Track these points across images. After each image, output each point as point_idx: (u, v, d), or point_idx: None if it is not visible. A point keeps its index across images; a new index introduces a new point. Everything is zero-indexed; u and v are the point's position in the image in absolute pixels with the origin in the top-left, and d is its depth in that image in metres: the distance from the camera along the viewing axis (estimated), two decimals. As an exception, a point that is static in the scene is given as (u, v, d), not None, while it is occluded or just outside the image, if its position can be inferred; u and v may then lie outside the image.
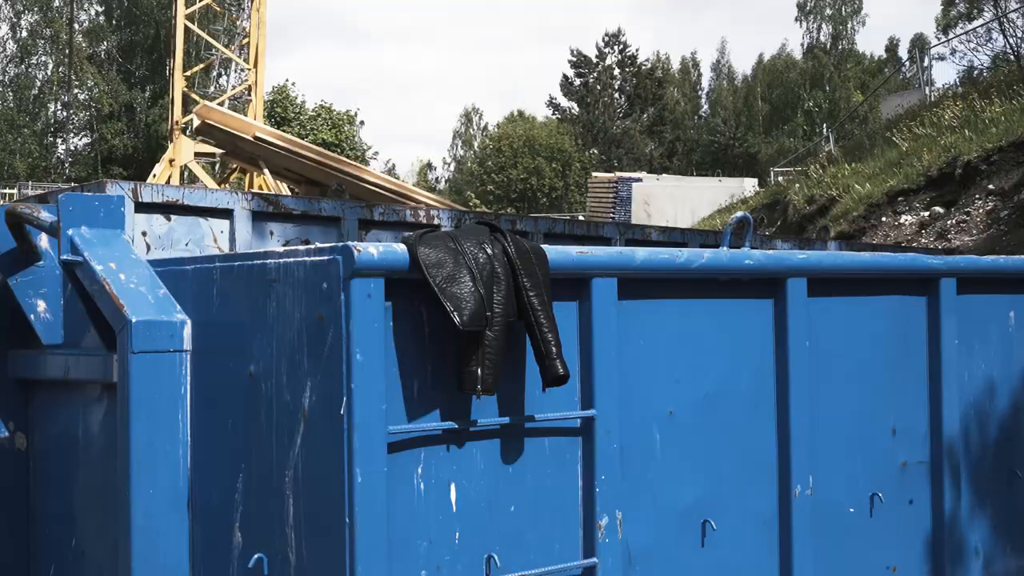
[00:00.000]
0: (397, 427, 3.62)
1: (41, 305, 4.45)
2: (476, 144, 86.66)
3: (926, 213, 20.69)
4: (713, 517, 4.44)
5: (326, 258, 3.55)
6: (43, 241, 4.48)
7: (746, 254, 4.63)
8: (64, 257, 4.18)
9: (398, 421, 3.63)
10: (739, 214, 5.36)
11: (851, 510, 4.94)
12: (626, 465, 4.10)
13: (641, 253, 4.31)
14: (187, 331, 3.98)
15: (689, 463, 4.40)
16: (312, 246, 3.75)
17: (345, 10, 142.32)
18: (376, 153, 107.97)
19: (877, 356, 5.07)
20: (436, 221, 7.88)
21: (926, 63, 42.75)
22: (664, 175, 48.17)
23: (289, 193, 18.29)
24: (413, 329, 3.69)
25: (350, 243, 3.52)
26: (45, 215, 4.30)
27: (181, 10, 27.79)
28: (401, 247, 3.61)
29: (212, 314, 3.97)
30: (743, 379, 4.59)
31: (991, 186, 19.63)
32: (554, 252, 3.97)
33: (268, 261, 3.77)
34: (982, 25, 39.88)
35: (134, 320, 3.86)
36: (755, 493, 4.64)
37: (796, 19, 76.10)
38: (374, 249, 3.53)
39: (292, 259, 3.67)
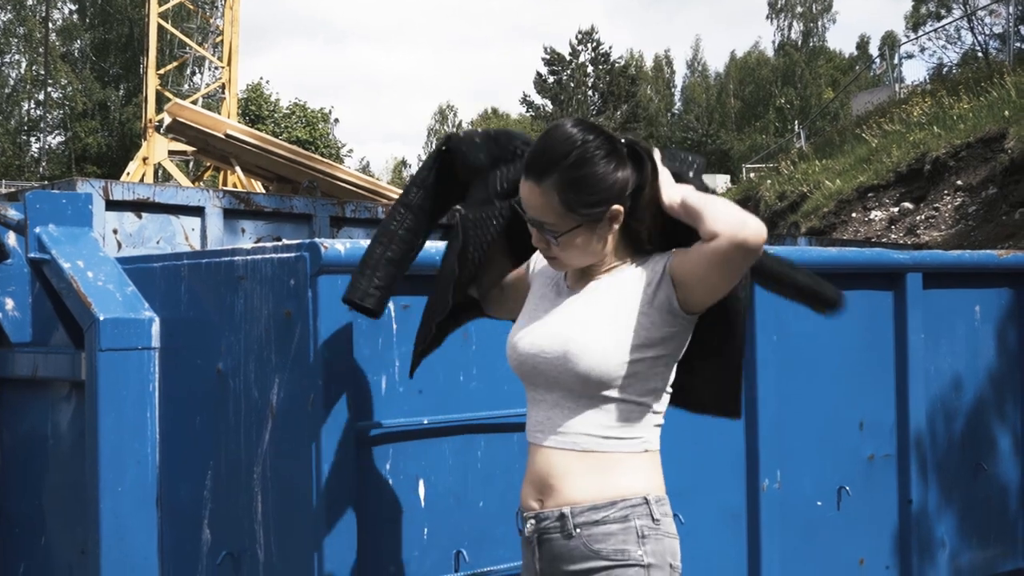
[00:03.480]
0: (365, 423, 3.63)
1: (9, 303, 4.44)
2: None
3: (895, 209, 20.80)
4: (681, 510, 4.44)
5: (293, 255, 3.55)
6: (11, 239, 4.47)
7: (713, 250, 4.65)
8: (31, 255, 4.18)
9: (366, 417, 3.64)
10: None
11: (819, 503, 4.97)
12: (594, 460, 4.11)
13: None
14: (155, 328, 3.99)
15: (657, 457, 4.42)
16: (280, 243, 3.76)
17: (320, 9, 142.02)
18: (351, 151, 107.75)
19: (844, 350, 5.11)
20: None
21: (896, 60, 42.91)
22: (638, 172, 48.12)
23: (262, 190, 18.25)
24: (380, 324, 3.70)
25: (317, 240, 3.53)
26: (12, 213, 4.30)
27: (154, 8, 27.63)
28: (367, 243, 3.62)
29: (180, 311, 3.97)
30: (711, 374, 4.61)
31: (959, 182, 19.75)
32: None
33: (236, 258, 3.77)
34: (951, 23, 40.20)
35: (102, 318, 3.87)
36: (723, 486, 4.67)
37: (768, 17, 76.29)
38: (341, 245, 3.54)
39: (259, 256, 3.68)
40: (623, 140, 2.96)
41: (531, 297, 3.17)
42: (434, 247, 3.75)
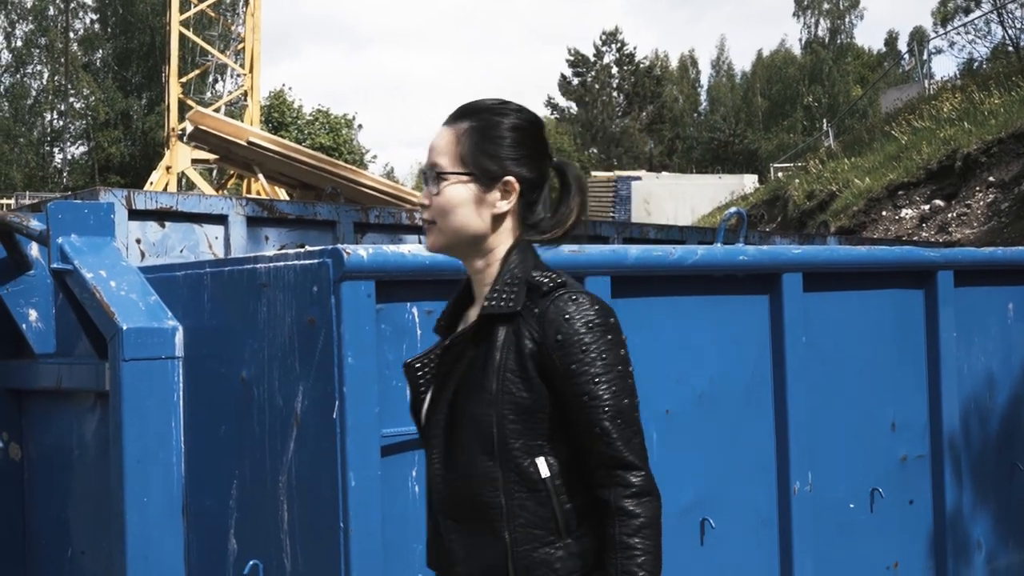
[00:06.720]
0: (390, 430, 3.59)
1: (33, 314, 4.43)
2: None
3: (926, 206, 20.65)
4: (712, 515, 4.41)
5: (316, 261, 3.52)
6: (33, 250, 4.47)
7: (741, 250, 4.60)
8: (54, 266, 4.16)
9: (391, 424, 3.60)
10: (733, 209, 5.35)
11: (851, 506, 4.91)
12: (623, 464, 4.06)
13: (634, 251, 4.28)
14: (179, 337, 3.96)
15: (687, 462, 4.37)
16: (302, 250, 3.73)
17: (343, 15, 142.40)
18: (375, 157, 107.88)
19: (875, 350, 5.04)
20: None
21: (925, 56, 42.71)
22: (664, 173, 48.11)
23: (286, 198, 18.28)
24: (405, 330, 3.66)
25: (340, 246, 3.49)
26: (35, 224, 4.29)
27: (176, 16, 27.79)
28: (391, 248, 3.59)
29: (203, 320, 3.95)
30: (740, 376, 4.56)
31: (991, 178, 19.59)
32: (545, 252, 3.94)
33: (258, 266, 3.74)
34: (980, 16, 39.91)
35: (125, 327, 3.84)
36: (754, 490, 4.61)
37: (794, 14, 75.98)
38: (364, 251, 3.50)
39: (282, 263, 3.65)
40: (555, 159, 2.76)
41: None
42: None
